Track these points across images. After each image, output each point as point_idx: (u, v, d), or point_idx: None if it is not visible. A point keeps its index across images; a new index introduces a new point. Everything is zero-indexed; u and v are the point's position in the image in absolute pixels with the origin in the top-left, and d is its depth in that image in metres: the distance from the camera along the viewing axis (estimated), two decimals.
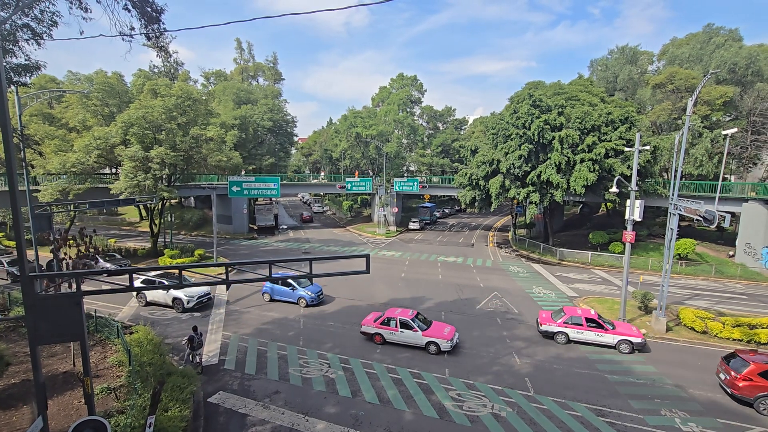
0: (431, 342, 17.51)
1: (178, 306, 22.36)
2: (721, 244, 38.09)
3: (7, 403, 12.28)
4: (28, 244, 22.92)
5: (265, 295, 24.36)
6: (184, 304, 22.15)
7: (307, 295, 23.36)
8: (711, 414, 13.38)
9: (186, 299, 22.22)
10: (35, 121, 36.63)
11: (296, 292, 23.56)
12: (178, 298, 22.31)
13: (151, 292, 23.09)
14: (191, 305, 22.29)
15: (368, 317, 19.61)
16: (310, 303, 23.29)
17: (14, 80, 11.68)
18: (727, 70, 40.56)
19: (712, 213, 16.52)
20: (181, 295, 22.19)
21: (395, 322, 18.16)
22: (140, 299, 23.39)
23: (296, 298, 23.62)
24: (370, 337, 18.71)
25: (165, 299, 22.76)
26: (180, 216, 49.73)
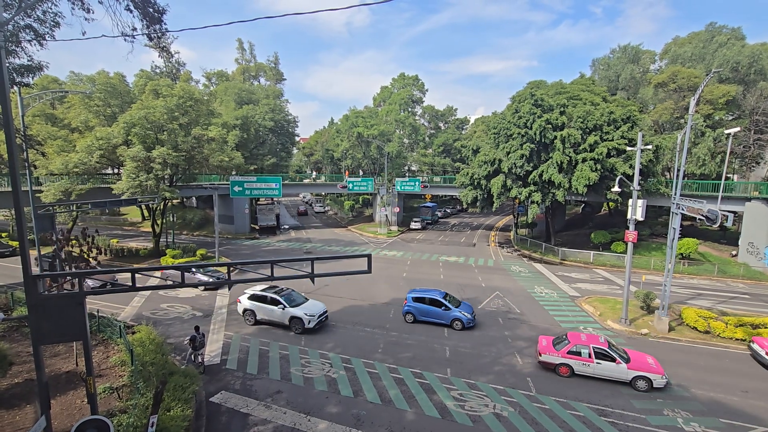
0: (640, 377, 14.65)
1: (296, 326, 19.28)
2: (724, 243, 37.95)
3: (10, 402, 12.34)
4: (30, 244, 23.03)
5: (407, 315, 20.96)
6: (305, 323, 19.01)
7: (464, 317, 19.77)
8: (713, 414, 13.34)
9: (307, 319, 19.08)
10: (38, 122, 36.73)
11: (450, 312, 19.93)
12: (297, 318, 19.25)
13: (264, 310, 20.04)
14: (312, 325, 19.13)
15: (544, 343, 16.44)
16: (467, 325, 19.79)
17: (17, 81, 11.71)
18: (729, 69, 40.42)
19: (714, 212, 16.47)
20: (301, 314, 19.16)
21: (588, 352, 15.43)
22: (248, 318, 20.43)
23: (449, 320, 19.96)
24: (553, 368, 15.86)
25: (281, 318, 19.66)
26: (182, 216, 49.90)
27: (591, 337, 16.42)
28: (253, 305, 20.20)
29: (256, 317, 20.28)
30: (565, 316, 22.30)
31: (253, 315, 20.34)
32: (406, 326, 20.42)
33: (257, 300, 20.30)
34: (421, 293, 21.25)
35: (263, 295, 20.32)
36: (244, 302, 20.62)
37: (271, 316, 19.94)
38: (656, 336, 19.63)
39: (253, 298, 20.49)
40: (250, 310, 20.36)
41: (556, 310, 23.13)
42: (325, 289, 26.23)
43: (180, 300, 24.24)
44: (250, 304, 20.37)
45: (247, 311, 20.47)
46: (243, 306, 20.66)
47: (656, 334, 19.73)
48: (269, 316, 19.98)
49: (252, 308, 20.26)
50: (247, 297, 20.65)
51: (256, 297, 20.43)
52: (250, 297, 20.56)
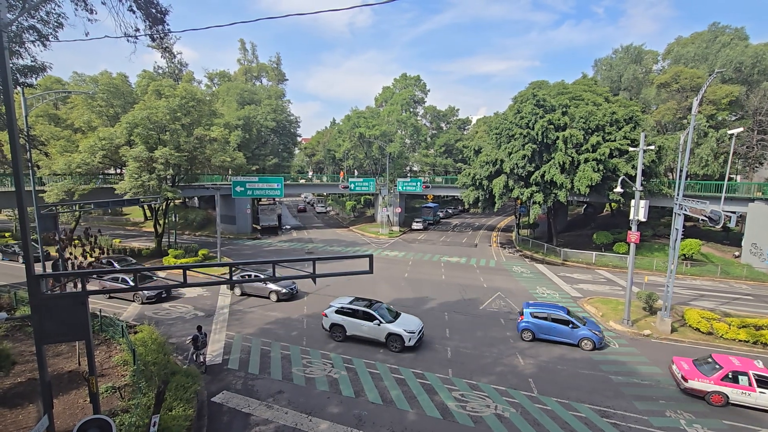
0: None
1: (395, 344, 17.50)
2: (727, 244, 37.80)
3: (13, 401, 12.39)
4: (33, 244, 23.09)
5: (524, 333, 18.97)
6: (405, 341, 17.22)
7: (595, 336, 17.87)
8: (716, 416, 13.28)
9: (407, 336, 17.30)
10: (41, 122, 36.84)
11: (578, 331, 18.07)
12: (396, 335, 17.46)
13: (356, 326, 18.26)
14: (413, 343, 17.41)
15: (686, 367, 14.70)
16: (599, 346, 17.90)
17: (20, 81, 11.78)
18: (732, 69, 40.26)
19: (717, 213, 16.41)
20: (401, 331, 17.41)
21: (748, 379, 13.59)
22: (336, 333, 18.65)
23: (577, 340, 18.07)
24: (702, 396, 14.04)
25: (376, 335, 17.95)
26: (184, 216, 50.01)
27: (746, 362, 14.24)
28: (342, 320, 18.42)
29: (346, 333, 18.49)
30: None
31: (343, 331, 18.49)
32: None
33: (347, 314, 18.52)
34: (541, 309, 19.20)
35: (353, 309, 18.56)
36: (332, 316, 18.71)
37: (364, 332, 18.20)
38: (659, 337, 19.57)
39: (343, 312, 18.67)
40: (339, 326, 18.51)
41: None
42: (327, 289, 26.25)
43: (182, 300, 24.33)
44: (339, 319, 18.51)
45: (335, 326, 18.61)
46: (330, 321, 18.71)
47: (659, 335, 19.66)
48: (362, 333, 18.24)
49: (341, 323, 18.43)
50: (335, 311, 18.84)
51: (346, 311, 18.63)
52: (339, 311, 18.78)
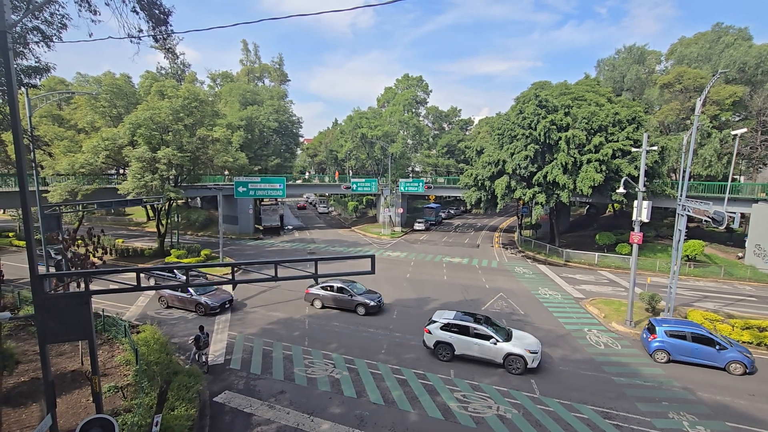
0: None
1: (514, 366, 15.77)
2: (731, 245, 37.63)
3: (16, 401, 12.45)
4: (37, 244, 23.23)
5: (657, 353, 17.08)
6: (528, 362, 15.65)
7: (746, 359, 16.01)
8: (720, 417, 13.21)
9: (530, 356, 15.67)
10: (45, 123, 37.07)
11: (727, 353, 16.14)
12: (516, 356, 15.74)
13: (467, 344, 16.47)
14: (536, 364, 15.82)
15: None
16: (750, 370, 16.04)
17: (24, 82, 11.85)
18: (736, 70, 40.09)
19: (721, 214, 16.34)
20: (522, 351, 15.69)
21: None
22: (442, 353, 16.71)
23: (724, 363, 16.23)
24: None
25: (492, 355, 16.09)
26: (186, 216, 50.14)
27: None
28: (450, 338, 16.67)
29: (454, 352, 16.68)
30: (569, 318, 22.19)
31: (450, 350, 16.68)
32: (409, 327, 20.40)
33: (456, 331, 16.74)
34: (677, 327, 17.35)
35: (464, 325, 16.75)
36: (437, 333, 16.94)
37: (476, 351, 16.39)
38: None
39: (450, 327, 16.88)
40: (446, 344, 16.72)
41: (560, 312, 23.02)
42: None
43: None
44: (446, 337, 16.74)
45: (441, 344, 16.79)
46: (434, 337, 16.93)
47: None
48: (474, 352, 16.44)
49: (449, 341, 16.67)
50: (440, 327, 16.95)
51: (454, 327, 16.84)
52: (445, 327, 16.92)
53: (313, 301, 23.30)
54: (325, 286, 22.98)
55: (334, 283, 23.05)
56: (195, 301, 22.09)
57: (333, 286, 22.90)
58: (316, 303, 23.18)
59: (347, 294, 22.43)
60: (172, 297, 22.76)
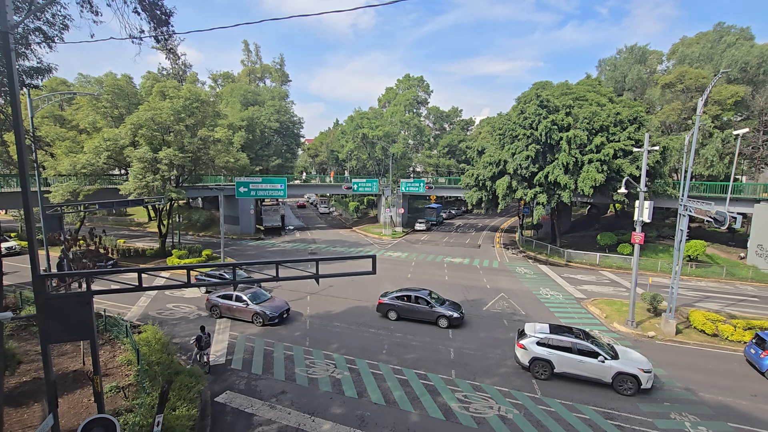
0: None
1: (625, 387, 14.43)
2: (732, 245, 37.53)
3: (18, 400, 12.48)
4: (39, 244, 23.28)
5: None
6: (642, 383, 14.27)
7: None
8: (722, 418, 13.17)
9: (645, 376, 14.30)
10: (47, 123, 37.20)
11: None
12: (628, 375, 14.36)
13: (569, 362, 15.07)
14: (650, 384, 14.50)
15: None
16: None
17: (26, 83, 11.87)
18: (738, 70, 40.01)
19: (722, 214, 16.29)
20: (635, 371, 14.31)
21: None
22: (539, 370, 15.42)
23: None
24: None
25: (599, 374, 14.80)
26: (188, 217, 50.19)
27: None
28: (549, 354, 15.36)
29: (553, 369, 15.34)
30: (570, 318, 22.15)
31: (549, 367, 15.36)
32: (410, 327, 20.39)
33: (556, 347, 15.41)
34: None
35: (566, 340, 15.46)
36: (533, 349, 15.61)
37: (580, 369, 15.04)
38: (663, 339, 19.44)
39: (549, 344, 15.49)
40: (544, 361, 15.40)
41: (561, 312, 22.99)
42: (330, 290, 26.28)
43: (186, 300, 24.40)
44: (544, 353, 15.41)
45: (539, 361, 15.47)
46: (530, 354, 15.62)
47: (663, 337, 19.54)
48: (577, 371, 15.08)
49: (547, 358, 15.36)
50: (537, 341, 15.64)
51: (554, 344, 15.45)
52: (542, 342, 15.58)
53: (387, 312, 21.37)
54: (402, 295, 21.28)
55: (411, 292, 21.42)
56: (252, 312, 20.42)
57: (410, 296, 21.15)
58: (390, 314, 21.26)
59: (426, 304, 20.72)
60: (225, 306, 21.05)
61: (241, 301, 20.87)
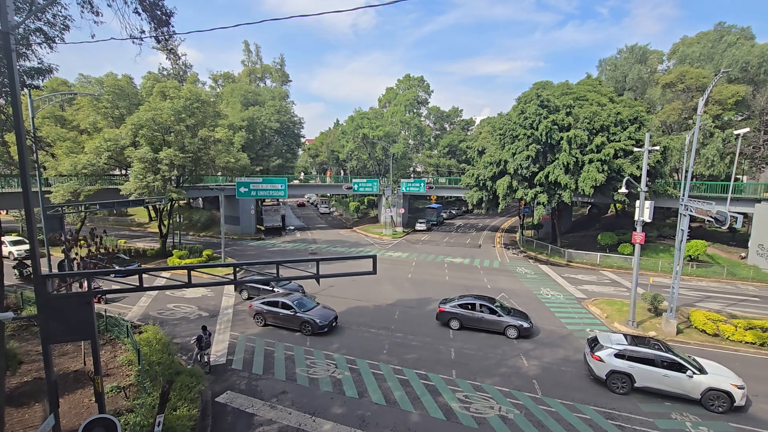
0: None
1: (717, 404, 13.42)
2: (733, 245, 37.49)
3: (19, 400, 12.49)
4: (40, 245, 23.26)
5: None
6: (735, 399, 13.22)
7: None
8: (723, 418, 13.15)
9: (738, 393, 13.27)
10: (47, 124, 37.21)
11: None
12: (720, 391, 13.36)
13: (653, 376, 14.05)
14: (743, 402, 13.43)
15: None
16: None
17: (27, 83, 11.88)
18: (738, 69, 39.98)
19: (723, 214, 16.28)
20: (728, 387, 13.34)
21: None
22: (617, 383, 14.39)
23: None
24: None
25: (686, 390, 13.78)
26: (188, 217, 50.25)
27: None
28: (630, 368, 14.32)
29: (633, 383, 14.33)
30: (571, 318, 22.15)
31: (629, 381, 14.34)
32: (411, 327, 20.39)
33: (638, 359, 14.36)
34: None
35: (648, 353, 14.37)
36: (612, 361, 14.55)
37: (665, 385, 13.99)
38: (664, 339, 19.41)
39: (628, 356, 14.47)
40: (623, 374, 14.38)
41: (562, 312, 22.98)
42: (330, 290, 26.28)
43: (186, 300, 24.44)
44: (624, 366, 14.38)
45: (617, 375, 14.42)
46: (608, 366, 14.59)
47: (664, 337, 19.51)
48: (662, 385, 14.03)
49: (627, 371, 14.35)
50: (615, 353, 14.64)
51: (634, 356, 14.42)
52: (621, 354, 14.57)
53: (449, 321, 20.08)
54: (465, 303, 20.15)
55: (475, 300, 20.23)
56: (300, 320, 19.26)
57: (474, 304, 19.92)
58: (453, 324, 19.99)
59: (492, 313, 19.63)
60: (270, 314, 19.99)
61: (288, 309, 19.66)
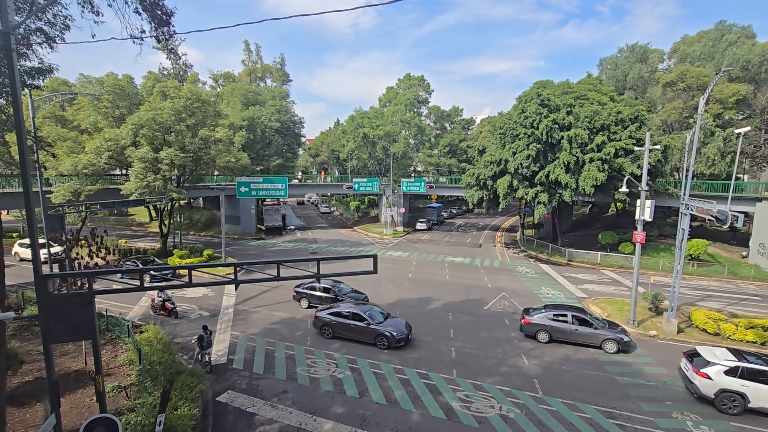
0: None
1: None
2: (734, 244, 37.45)
3: (21, 400, 12.51)
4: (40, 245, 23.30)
5: None
6: None
7: None
8: (724, 417, 13.15)
9: None
10: (48, 124, 37.20)
11: None
12: None
13: (766, 395, 12.91)
14: None
15: None
16: None
17: (28, 83, 11.88)
18: (739, 68, 39.93)
19: (724, 213, 16.26)
20: None
21: None
22: (727, 405, 13.25)
23: None
24: None
25: None
26: (189, 216, 50.25)
27: None
28: (745, 386, 13.15)
29: (747, 404, 13.16)
30: None
31: (740, 401, 13.19)
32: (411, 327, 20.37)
33: (751, 377, 13.14)
34: None
35: (764, 370, 13.15)
36: (721, 380, 13.39)
37: None
38: (665, 338, 19.42)
39: (741, 373, 13.24)
40: (735, 393, 13.20)
41: None
42: None
43: (187, 300, 24.46)
44: (736, 384, 13.21)
45: (728, 394, 13.24)
46: (718, 385, 13.39)
47: (665, 336, 19.51)
48: None
49: (739, 390, 13.16)
50: (725, 371, 13.42)
51: (748, 373, 13.18)
52: (733, 371, 13.32)
53: (536, 333, 18.75)
54: (558, 314, 18.62)
55: (566, 311, 18.73)
56: (375, 332, 17.71)
57: (565, 315, 18.45)
58: (540, 336, 18.66)
59: (588, 325, 18.12)
60: (340, 325, 18.44)
61: (360, 320, 18.19)
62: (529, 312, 19.61)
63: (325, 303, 22.13)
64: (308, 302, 23.04)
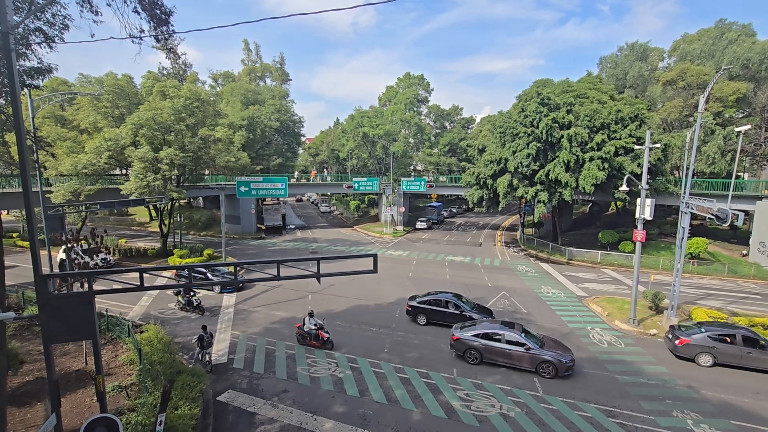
0: None
1: None
2: (735, 243, 37.45)
3: (21, 400, 12.51)
4: (40, 245, 23.27)
5: None
6: None
7: None
8: (724, 416, 13.16)
9: None
10: (48, 123, 37.20)
11: None
12: None
13: None
14: None
15: None
16: None
17: (27, 83, 11.86)
18: (740, 66, 39.88)
19: (724, 211, 16.26)
20: None
21: None
22: None
23: None
24: None
25: None
26: (189, 216, 50.23)
27: None
28: None
29: None
30: (572, 316, 22.14)
31: None
32: (412, 326, 20.39)
33: None
34: None
35: None
36: None
37: None
38: (665, 337, 19.41)
39: None
40: None
41: (563, 310, 22.97)
42: (331, 288, 26.29)
43: None
44: None
45: None
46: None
47: (665, 335, 19.50)
48: None
49: None
50: None
51: None
52: None
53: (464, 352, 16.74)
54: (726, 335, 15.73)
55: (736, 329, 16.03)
56: (536, 359, 15.41)
57: (735, 335, 15.67)
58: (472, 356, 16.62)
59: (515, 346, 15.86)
60: (489, 350, 16.09)
61: (517, 345, 15.78)
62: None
63: (449, 319, 19.31)
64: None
